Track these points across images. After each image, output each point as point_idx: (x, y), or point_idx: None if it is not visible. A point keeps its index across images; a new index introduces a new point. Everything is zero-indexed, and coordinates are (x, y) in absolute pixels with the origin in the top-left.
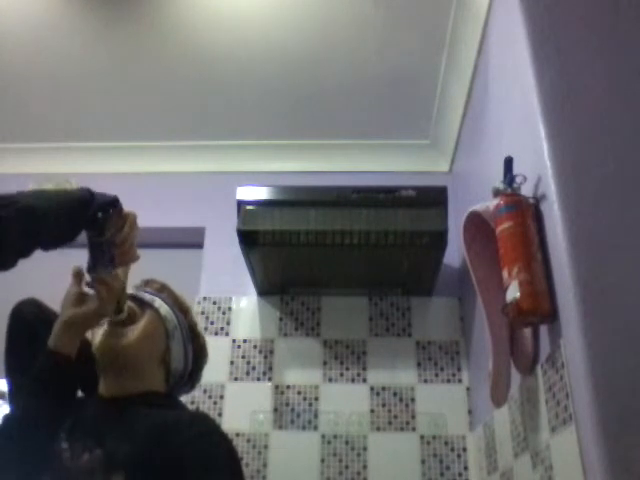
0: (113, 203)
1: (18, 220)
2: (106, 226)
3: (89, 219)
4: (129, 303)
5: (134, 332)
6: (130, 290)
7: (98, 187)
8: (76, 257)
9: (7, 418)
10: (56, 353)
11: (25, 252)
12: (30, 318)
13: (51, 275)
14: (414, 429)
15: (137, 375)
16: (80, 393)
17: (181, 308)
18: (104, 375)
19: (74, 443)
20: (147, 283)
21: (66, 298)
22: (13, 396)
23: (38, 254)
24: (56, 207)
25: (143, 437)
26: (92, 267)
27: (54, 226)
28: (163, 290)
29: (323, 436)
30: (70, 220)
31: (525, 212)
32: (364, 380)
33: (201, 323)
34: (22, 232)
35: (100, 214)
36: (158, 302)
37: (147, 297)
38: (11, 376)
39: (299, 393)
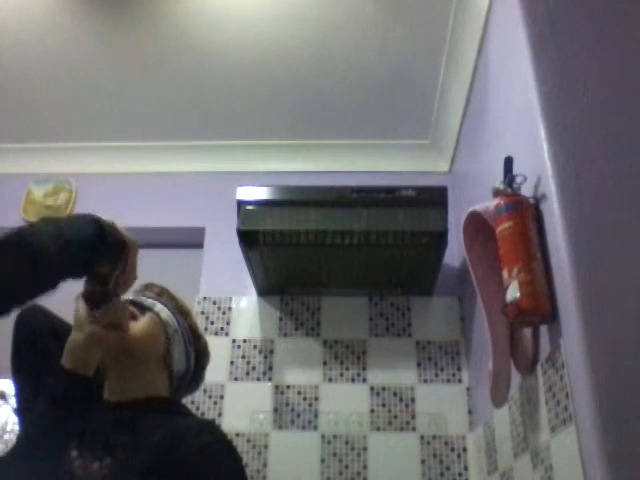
0: (118, 252)
1: (17, 270)
2: (109, 279)
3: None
4: (129, 307)
5: (135, 327)
6: (130, 295)
7: (98, 187)
8: None
9: (22, 437)
10: (75, 374)
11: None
12: (35, 324)
13: None
14: (414, 429)
15: (140, 377)
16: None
17: (181, 311)
18: (108, 377)
19: (84, 451)
20: (147, 287)
21: (77, 318)
22: (22, 409)
23: None
24: (58, 256)
25: (152, 446)
26: (95, 307)
27: (51, 279)
28: (162, 294)
29: (323, 436)
30: (68, 271)
31: (525, 212)
32: (364, 380)
33: (201, 323)
34: (20, 281)
35: (102, 268)
36: (158, 306)
37: (147, 302)
38: (17, 382)
39: (299, 393)
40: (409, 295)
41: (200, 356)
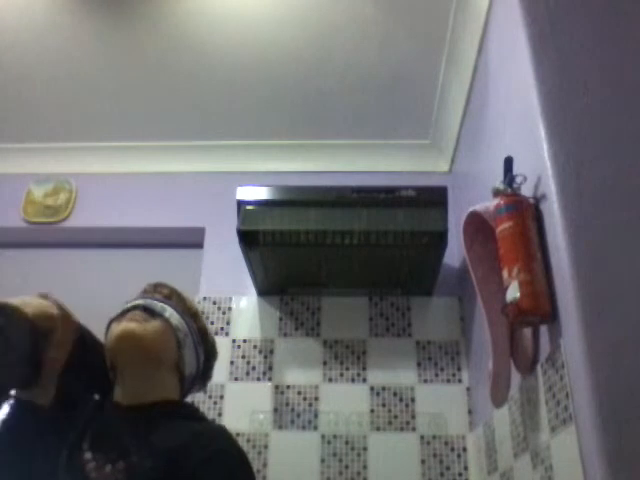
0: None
1: None
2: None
3: None
4: (137, 312)
5: (148, 327)
6: (139, 296)
7: (98, 187)
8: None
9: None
10: (32, 404)
11: None
12: None
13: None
14: (414, 429)
15: (152, 381)
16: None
17: (190, 312)
18: (120, 381)
19: (97, 454)
20: (155, 288)
21: None
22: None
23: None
24: None
25: (165, 451)
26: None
27: None
28: (172, 296)
29: (323, 436)
30: None
31: (525, 212)
32: (364, 380)
33: None
34: None
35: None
36: (169, 312)
37: (157, 307)
38: None
39: (299, 393)
40: (409, 295)
41: (209, 355)
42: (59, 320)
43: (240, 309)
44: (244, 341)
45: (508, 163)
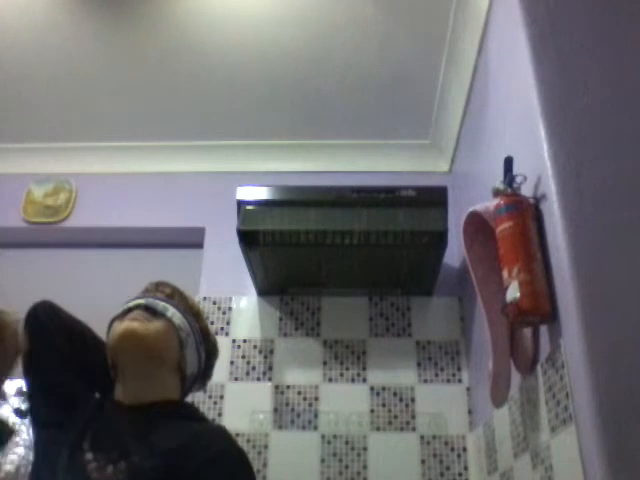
0: None
1: None
2: None
3: None
4: (139, 312)
5: (150, 327)
6: (141, 295)
7: (98, 187)
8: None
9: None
10: None
11: None
12: (45, 321)
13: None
14: (414, 429)
15: (154, 381)
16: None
17: (192, 312)
18: (123, 380)
19: (98, 454)
20: (157, 287)
21: None
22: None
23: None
24: None
25: (166, 452)
26: None
27: None
28: (174, 295)
29: (323, 436)
30: None
31: (525, 212)
32: (364, 380)
33: None
34: None
35: None
36: (171, 311)
37: (160, 306)
38: (26, 377)
39: (299, 393)
40: (409, 295)
41: (210, 354)
42: (8, 326)
43: (240, 309)
44: (244, 341)
45: (508, 163)
